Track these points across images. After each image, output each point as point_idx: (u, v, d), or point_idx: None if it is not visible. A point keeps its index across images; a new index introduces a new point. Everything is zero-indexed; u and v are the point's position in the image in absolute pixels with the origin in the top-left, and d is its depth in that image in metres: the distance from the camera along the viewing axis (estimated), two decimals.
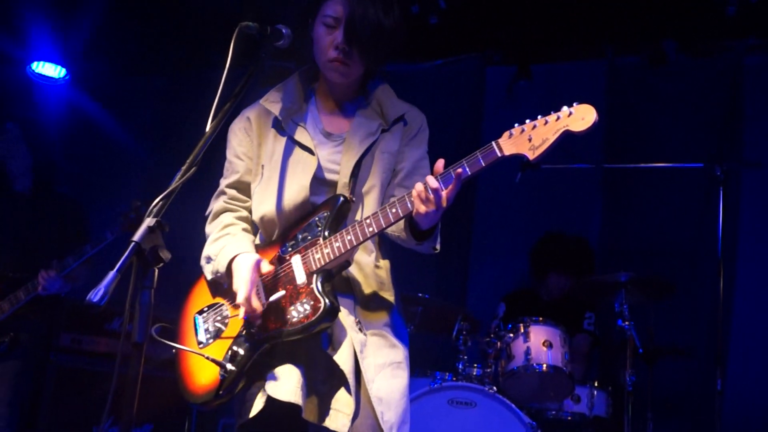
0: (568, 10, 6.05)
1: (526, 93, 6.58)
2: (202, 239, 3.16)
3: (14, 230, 4.97)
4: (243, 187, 3.13)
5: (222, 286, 3.03)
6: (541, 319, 5.11)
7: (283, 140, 3.05)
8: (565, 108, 2.65)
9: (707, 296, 5.79)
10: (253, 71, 2.86)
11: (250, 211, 3.12)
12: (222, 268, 2.95)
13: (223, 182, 3.16)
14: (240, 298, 2.83)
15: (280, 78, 3.21)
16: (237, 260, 2.91)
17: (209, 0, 6.27)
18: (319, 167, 3.00)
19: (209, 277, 3.05)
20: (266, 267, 2.91)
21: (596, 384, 5.22)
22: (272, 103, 3.10)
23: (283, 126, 3.06)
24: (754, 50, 6.19)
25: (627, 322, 5.06)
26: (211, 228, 3.12)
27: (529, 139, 2.66)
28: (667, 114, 6.29)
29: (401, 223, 2.85)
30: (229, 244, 2.99)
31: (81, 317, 5.66)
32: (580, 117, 2.61)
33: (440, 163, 2.74)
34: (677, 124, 6.24)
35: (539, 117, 2.68)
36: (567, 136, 2.63)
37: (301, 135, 3.04)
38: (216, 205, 3.15)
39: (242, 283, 2.84)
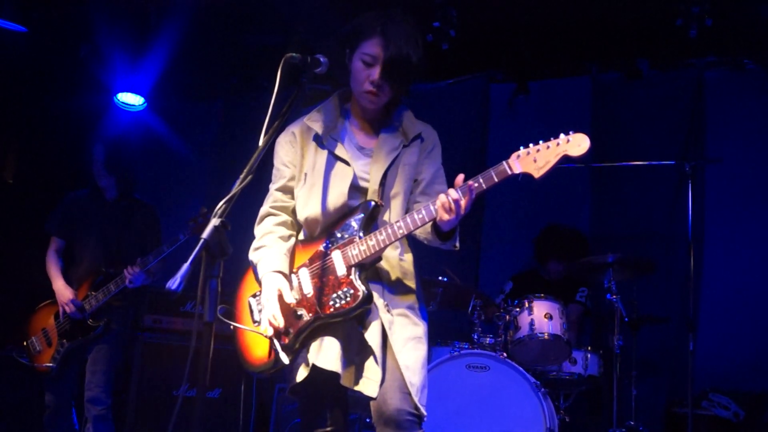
0: (559, 35, 6.01)
1: (524, 106, 6.54)
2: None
3: (106, 233, 5.01)
4: (288, 190, 3.11)
5: None
6: (542, 295, 5.06)
7: (323, 153, 3.04)
8: (562, 135, 2.71)
9: (680, 272, 5.73)
10: (297, 94, 2.84)
11: (291, 211, 3.11)
12: (259, 277, 2.98)
13: (272, 186, 3.15)
14: (265, 314, 2.90)
15: (319, 98, 3.20)
16: (266, 278, 2.94)
17: (259, 35, 6.29)
18: (354, 176, 2.99)
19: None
20: (287, 297, 2.92)
21: (589, 348, 5.17)
22: (314, 122, 3.09)
23: (323, 141, 3.05)
24: (713, 66, 6.14)
25: (614, 296, 5.04)
26: (256, 231, 3.11)
27: (535, 160, 2.72)
28: (643, 120, 6.24)
29: (427, 226, 2.88)
30: (263, 258, 3.00)
31: (161, 301, 5.70)
32: (577, 144, 2.69)
33: (460, 178, 2.77)
34: (651, 129, 6.18)
35: (541, 142, 2.73)
36: (565, 158, 2.70)
37: (338, 149, 3.03)
38: (263, 208, 3.14)
39: (268, 304, 2.90)
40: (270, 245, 3.04)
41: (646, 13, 5.61)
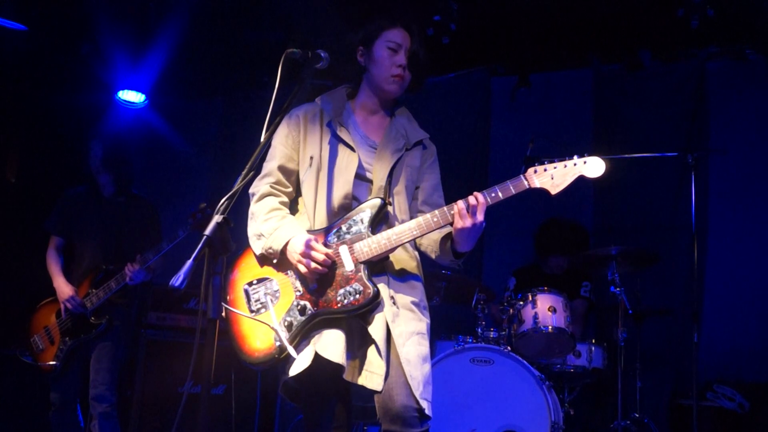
0: (560, 27, 6.00)
1: (526, 98, 6.51)
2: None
3: (105, 230, 5.00)
4: (285, 171, 3.10)
5: (271, 261, 3.00)
6: (546, 288, 5.07)
7: (329, 137, 3.06)
8: (576, 157, 2.90)
9: (684, 264, 5.71)
10: (297, 89, 2.86)
11: (288, 195, 3.11)
12: (277, 247, 2.91)
13: (268, 165, 3.11)
14: (318, 257, 2.84)
15: (319, 94, 3.20)
16: (294, 240, 2.89)
17: (259, 31, 6.28)
18: (360, 164, 3.02)
19: (259, 252, 2.99)
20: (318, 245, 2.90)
21: (594, 341, 5.18)
22: (324, 104, 3.13)
23: (333, 124, 3.08)
24: (715, 56, 6.13)
25: (618, 288, 5.03)
26: (257, 208, 3.06)
27: (552, 177, 2.89)
28: (645, 112, 6.22)
29: (435, 238, 3.01)
30: (282, 226, 2.95)
31: (165, 299, 5.71)
32: (593, 166, 2.90)
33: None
34: (654, 120, 6.17)
35: (557, 160, 2.90)
36: (580, 179, 2.90)
37: (344, 133, 3.06)
38: (262, 187, 3.08)
39: (315, 252, 2.85)
40: (284, 216, 3.02)
41: (647, 4, 5.60)
